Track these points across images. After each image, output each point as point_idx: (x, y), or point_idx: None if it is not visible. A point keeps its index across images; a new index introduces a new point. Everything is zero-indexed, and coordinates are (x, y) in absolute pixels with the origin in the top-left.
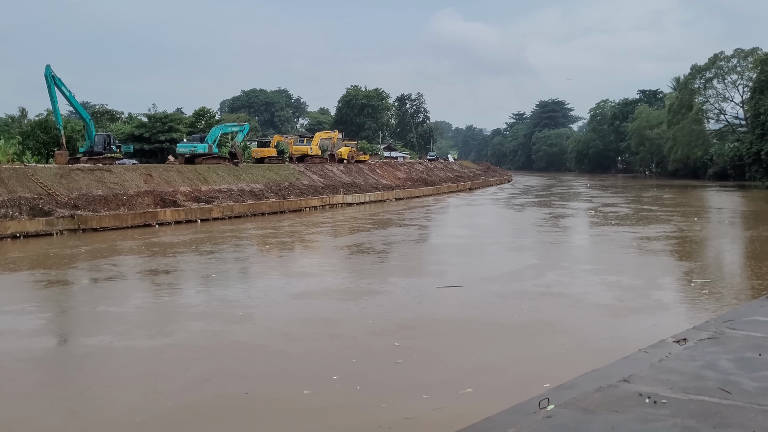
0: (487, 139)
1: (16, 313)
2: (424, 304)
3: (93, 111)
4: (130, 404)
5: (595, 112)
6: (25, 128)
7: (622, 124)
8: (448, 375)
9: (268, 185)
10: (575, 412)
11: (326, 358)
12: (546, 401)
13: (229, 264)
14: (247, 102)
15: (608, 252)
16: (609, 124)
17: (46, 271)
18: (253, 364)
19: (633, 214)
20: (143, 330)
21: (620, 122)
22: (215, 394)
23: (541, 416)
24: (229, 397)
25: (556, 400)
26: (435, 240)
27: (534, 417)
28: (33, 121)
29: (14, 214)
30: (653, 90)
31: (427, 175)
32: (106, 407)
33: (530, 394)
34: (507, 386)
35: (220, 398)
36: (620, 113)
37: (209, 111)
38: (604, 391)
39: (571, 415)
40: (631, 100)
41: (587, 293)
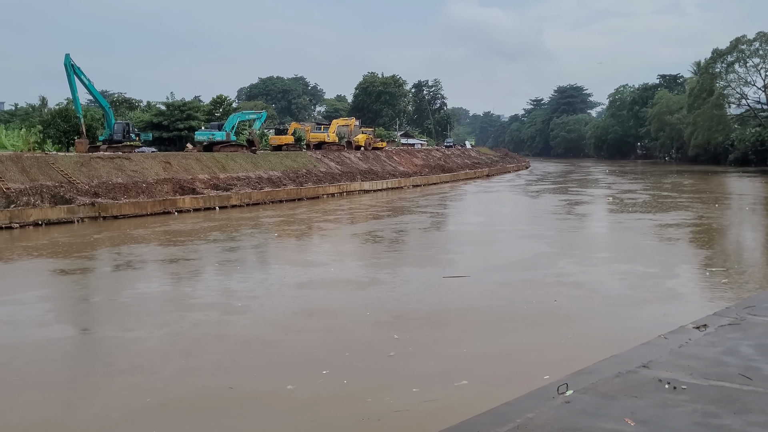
0: (505, 126)
1: (12, 303)
2: (429, 295)
3: (112, 99)
4: (108, 399)
5: (614, 98)
6: (46, 117)
7: (641, 110)
8: (443, 367)
9: (285, 172)
10: (594, 398)
11: (320, 351)
12: (565, 386)
13: (237, 253)
14: (265, 90)
15: (624, 239)
16: (628, 110)
17: (55, 260)
18: (245, 356)
19: (651, 200)
20: (137, 321)
21: (640, 107)
22: (198, 388)
23: (560, 401)
24: (211, 392)
25: (574, 385)
26: (447, 228)
27: (553, 402)
28: (53, 110)
29: (36, 202)
30: (673, 75)
31: (444, 162)
32: (82, 403)
33: (528, 385)
34: (503, 377)
35: (201, 393)
36: (640, 98)
37: (227, 99)
38: (623, 376)
39: (590, 400)
40: (651, 85)
41: (599, 282)
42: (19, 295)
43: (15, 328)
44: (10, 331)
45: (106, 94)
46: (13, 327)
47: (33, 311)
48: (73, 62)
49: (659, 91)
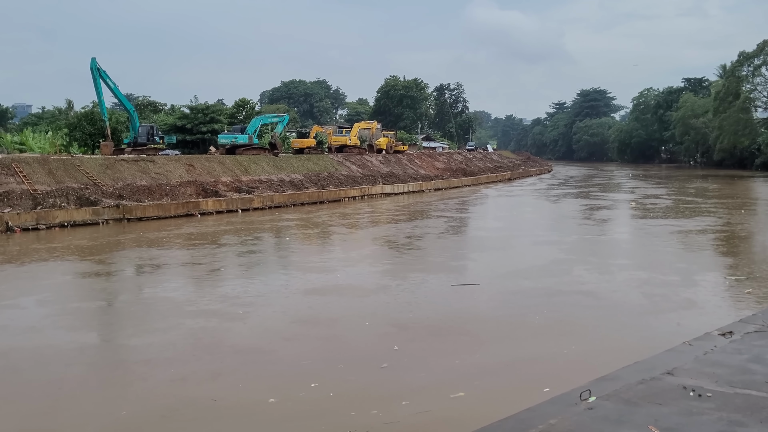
0: (527, 129)
1: (10, 307)
2: (435, 304)
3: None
4: (87, 408)
5: (638, 101)
6: (72, 120)
7: (666, 113)
8: (440, 378)
9: (307, 175)
10: (617, 404)
11: (313, 363)
12: (587, 393)
13: (249, 257)
14: (287, 93)
15: (644, 246)
16: (652, 113)
17: (71, 262)
18: (235, 366)
19: (675, 205)
20: (136, 327)
21: (664, 111)
22: (180, 399)
23: (583, 408)
24: (193, 403)
25: (597, 392)
26: (462, 233)
27: (575, 408)
28: (79, 113)
29: (62, 204)
30: (698, 78)
31: (466, 166)
32: (59, 411)
33: (528, 398)
34: (502, 389)
35: (182, 404)
36: (664, 102)
37: (249, 102)
38: (647, 383)
39: (613, 407)
40: (676, 88)
41: (613, 290)
42: (22, 299)
43: (4, 333)
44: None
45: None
46: (3, 332)
47: (29, 316)
48: (99, 66)
49: (684, 94)
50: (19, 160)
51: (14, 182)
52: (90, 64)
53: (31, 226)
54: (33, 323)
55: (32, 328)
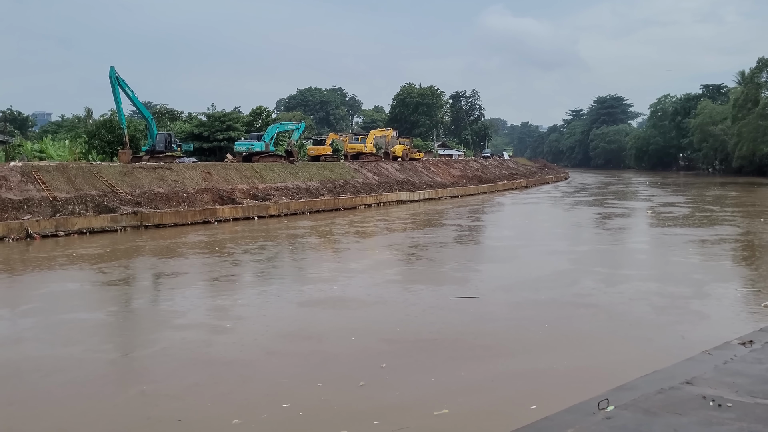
0: (543, 136)
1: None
2: (430, 317)
3: (154, 110)
4: (43, 427)
5: (656, 108)
6: (91, 128)
7: (683, 120)
8: (422, 396)
9: (323, 183)
10: (636, 414)
11: (290, 381)
12: (605, 402)
13: (250, 266)
14: (303, 101)
15: (657, 256)
16: (670, 120)
17: (74, 271)
18: (209, 384)
19: (692, 214)
20: (117, 339)
21: (682, 118)
22: (142, 418)
23: (601, 417)
24: (154, 423)
25: (616, 401)
26: (471, 243)
27: (593, 418)
28: (98, 121)
29: (81, 211)
30: (717, 84)
31: (482, 173)
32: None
33: (516, 416)
34: (488, 407)
35: (142, 424)
36: (682, 109)
37: (266, 110)
38: (666, 393)
39: (632, 416)
40: (694, 95)
41: (620, 303)
42: (8, 310)
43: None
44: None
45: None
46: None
47: (10, 327)
48: (118, 74)
49: (702, 101)
50: (39, 168)
51: (34, 189)
52: (109, 72)
53: (50, 233)
54: (15, 335)
55: (16, 340)
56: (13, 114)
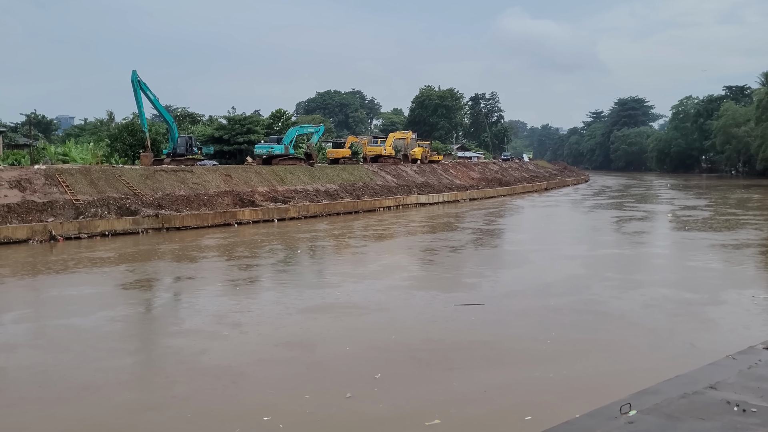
0: (563, 139)
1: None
2: (432, 326)
3: (175, 114)
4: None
5: (678, 110)
6: (113, 131)
7: (706, 122)
8: (413, 407)
9: (342, 185)
10: (658, 418)
11: (277, 392)
12: (628, 406)
13: (257, 270)
14: (322, 103)
15: (674, 261)
16: (692, 122)
17: (81, 274)
18: (193, 395)
19: (713, 217)
20: (107, 346)
21: (704, 120)
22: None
23: (623, 421)
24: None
25: (638, 405)
26: (484, 247)
27: (615, 422)
28: (120, 124)
29: (103, 213)
30: (740, 86)
31: (501, 176)
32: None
33: (510, 427)
34: (481, 418)
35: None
36: (704, 110)
37: (285, 113)
38: (689, 397)
39: (654, 421)
40: (716, 96)
41: (631, 310)
42: (8, 315)
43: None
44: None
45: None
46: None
47: (7, 333)
48: (140, 78)
49: (725, 102)
50: (63, 171)
51: (57, 192)
52: (131, 76)
53: (73, 235)
54: (7, 340)
55: (6, 345)
56: (37, 118)
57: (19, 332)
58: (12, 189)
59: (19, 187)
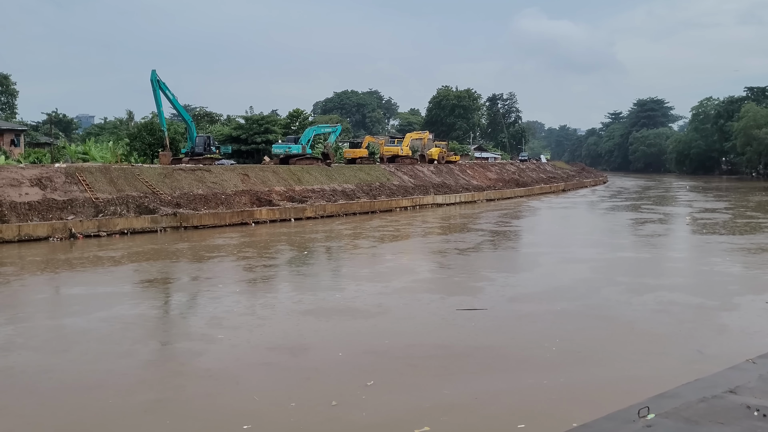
0: (581, 140)
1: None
2: (431, 331)
3: (194, 113)
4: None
5: (698, 111)
6: (132, 130)
7: (726, 123)
8: (400, 415)
9: (359, 185)
10: (677, 422)
11: (262, 400)
12: (646, 410)
13: (262, 272)
14: (339, 103)
15: (687, 265)
16: (712, 123)
17: (85, 274)
18: (178, 400)
19: (732, 221)
20: (94, 348)
21: (725, 121)
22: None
23: (641, 425)
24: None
25: (656, 409)
26: (494, 249)
27: (633, 425)
28: (139, 124)
29: (122, 212)
30: (761, 87)
31: (518, 176)
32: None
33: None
34: (473, 425)
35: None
36: (725, 111)
37: (303, 112)
38: (708, 401)
39: (673, 425)
40: (737, 97)
41: (639, 315)
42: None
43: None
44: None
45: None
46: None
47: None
48: (159, 78)
49: (746, 103)
50: (83, 170)
51: (77, 191)
52: (150, 76)
53: (92, 233)
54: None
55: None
56: (58, 117)
57: (10, 333)
58: (33, 187)
59: (40, 185)
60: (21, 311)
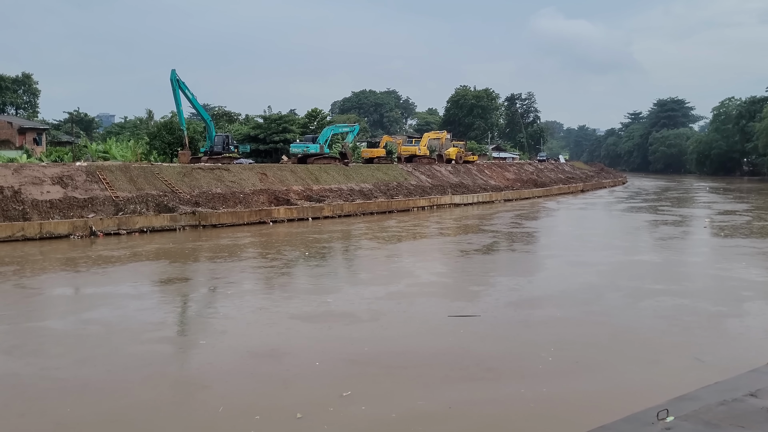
0: (600, 140)
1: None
2: (415, 339)
3: (213, 113)
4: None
5: (719, 111)
6: (152, 129)
7: (748, 124)
8: (366, 427)
9: (376, 185)
10: (697, 425)
11: (227, 411)
12: (665, 412)
13: (261, 273)
14: (357, 103)
15: (699, 269)
16: (734, 124)
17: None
18: (142, 408)
19: (752, 223)
20: (66, 352)
21: (747, 121)
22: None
23: (660, 428)
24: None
25: (675, 411)
26: (500, 252)
27: (652, 428)
28: (159, 123)
29: (142, 210)
30: None
31: (537, 177)
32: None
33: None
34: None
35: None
36: (747, 112)
37: (321, 112)
38: (728, 404)
39: (692, 428)
40: (760, 98)
41: (641, 322)
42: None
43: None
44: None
45: (207, 107)
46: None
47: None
48: (179, 77)
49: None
50: (103, 168)
51: (98, 189)
52: (170, 75)
53: (112, 231)
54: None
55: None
56: (79, 115)
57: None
58: (54, 185)
59: (61, 184)
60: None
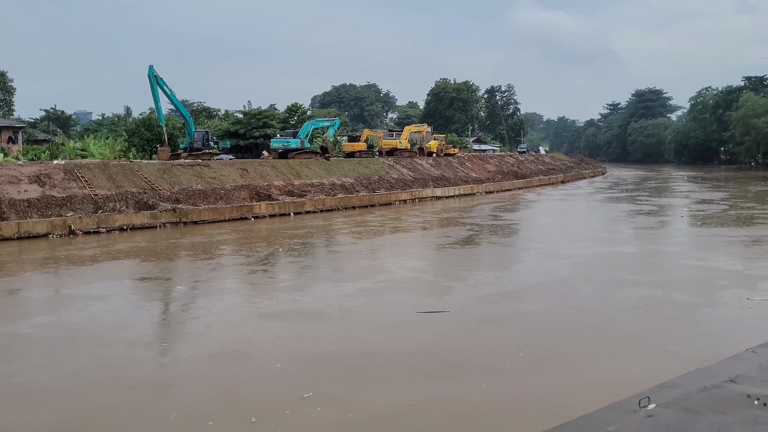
0: (580, 131)
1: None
2: (382, 336)
3: (192, 109)
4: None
5: (696, 101)
6: (130, 126)
7: (725, 113)
8: (323, 429)
9: (358, 179)
10: (678, 412)
11: (182, 416)
12: (647, 400)
13: (234, 269)
14: (338, 97)
15: (675, 259)
16: (711, 113)
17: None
18: (92, 414)
19: (728, 212)
20: (39, 358)
21: (723, 111)
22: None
23: (642, 415)
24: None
25: (657, 399)
26: (475, 245)
27: (634, 416)
28: (137, 119)
29: (122, 208)
30: (759, 76)
31: (518, 168)
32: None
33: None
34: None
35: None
36: (723, 101)
37: (301, 107)
38: (708, 391)
39: (674, 414)
40: (736, 87)
41: (613, 313)
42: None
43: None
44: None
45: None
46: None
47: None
48: (157, 73)
49: (744, 93)
50: (81, 166)
51: (77, 187)
52: (148, 71)
53: (92, 229)
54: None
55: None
56: (56, 113)
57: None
58: (32, 184)
59: (38, 182)
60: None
